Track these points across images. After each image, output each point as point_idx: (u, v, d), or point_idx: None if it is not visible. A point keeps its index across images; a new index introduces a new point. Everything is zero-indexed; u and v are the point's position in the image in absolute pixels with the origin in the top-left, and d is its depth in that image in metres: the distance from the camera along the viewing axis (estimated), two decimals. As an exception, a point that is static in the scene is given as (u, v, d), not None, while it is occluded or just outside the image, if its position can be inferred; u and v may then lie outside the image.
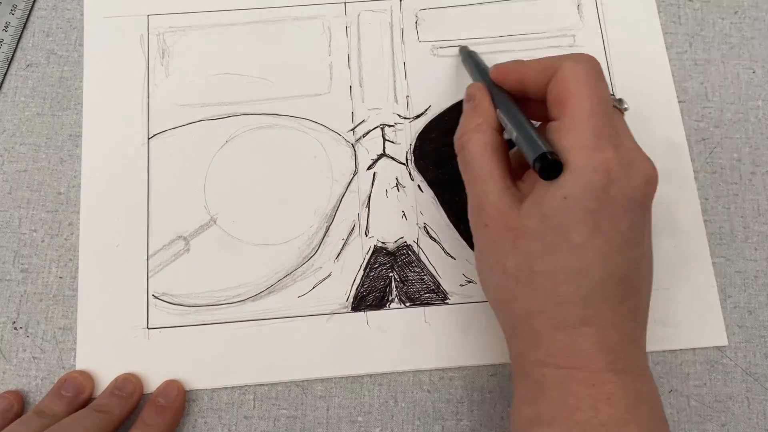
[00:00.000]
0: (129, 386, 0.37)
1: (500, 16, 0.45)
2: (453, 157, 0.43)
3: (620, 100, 0.35)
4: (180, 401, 0.38)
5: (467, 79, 0.44)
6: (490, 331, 0.40)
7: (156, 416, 0.37)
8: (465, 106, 0.37)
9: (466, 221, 0.40)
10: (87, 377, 0.38)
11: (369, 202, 0.42)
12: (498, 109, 0.35)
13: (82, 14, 0.46)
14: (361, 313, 0.40)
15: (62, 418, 0.36)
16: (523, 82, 0.35)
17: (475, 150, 0.34)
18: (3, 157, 0.43)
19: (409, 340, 0.39)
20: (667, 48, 0.45)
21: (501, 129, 0.35)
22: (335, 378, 0.39)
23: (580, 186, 0.30)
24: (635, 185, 0.31)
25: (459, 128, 0.36)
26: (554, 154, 0.30)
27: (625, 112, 0.35)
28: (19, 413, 0.38)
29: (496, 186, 0.33)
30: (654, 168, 0.32)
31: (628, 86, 0.44)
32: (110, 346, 0.39)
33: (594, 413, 0.30)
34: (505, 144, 0.35)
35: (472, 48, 0.43)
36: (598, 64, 0.33)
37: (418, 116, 0.44)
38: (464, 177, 0.35)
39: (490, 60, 0.44)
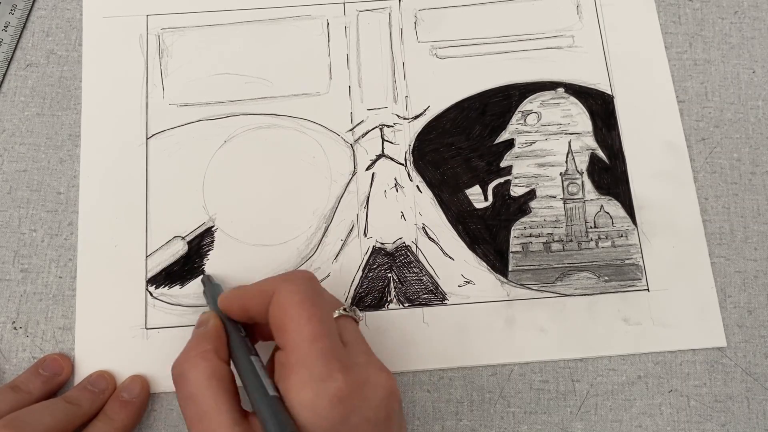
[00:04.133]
0: (102, 383, 0.38)
1: (499, 17, 0.45)
2: (452, 157, 0.43)
3: (354, 309, 0.34)
4: (143, 397, 0.38)
5: (467, 79, 0.44)
6: (489, 332, 0.40)
7: (119, 410, 0.37)
8: (193, 332, 0.35)
9: (465, 221, 0.40)
10: (66, 361, 0.39)
11: (368, 202, 0.42)
12: (230, 350, 0.33)
13: (81, 14, 0.46)
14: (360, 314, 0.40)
15: (36, 395, 0.37)
16: (246, 310, 0.33)
17: (200, 381, 0.30)
18: (3, 157, 0.43)
19: (408, 341, 0.39)
20: (666, 48, 0.45)
21: (229, 360, 0.33)
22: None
23: (319, 426, 0.28)
24: (375, 405, 0.30)
25: (180, 354, 0.33)
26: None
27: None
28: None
29: (224, 422, 0.29)
30: (391, 377, 0.31)
31: (627, 86, 0.44)
32: (109, 345, 0.39)
33: None
34: (232, 375, 0.32)
35: (211, 275, 0.40)
36: (315, 279, 0.33)
37: (417, 117, 0.44)
38: (185, 413, 0.31)
39: (488, 61, 0.45)
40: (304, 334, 0.30)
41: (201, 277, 0.40)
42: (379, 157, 0.43)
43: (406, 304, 0.40)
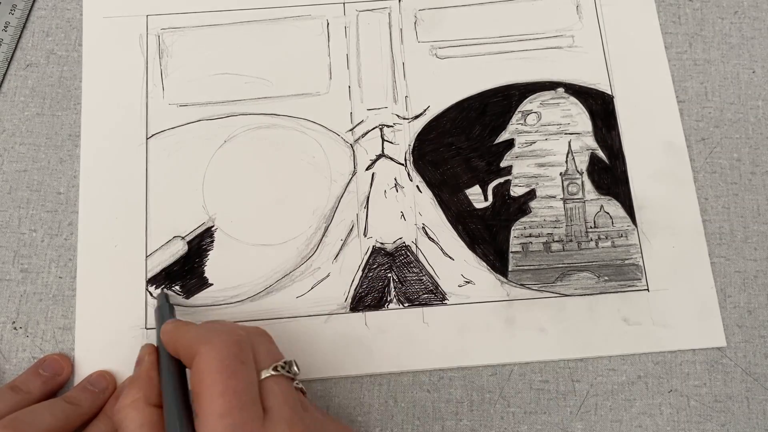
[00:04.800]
0: (102, 382, 0.38)
1: (499, 17, 0.45)
2: (452, 157, 0.43)
3: (291, 363, 0.32)
4: None
5: (467, 79, 0.44)
6: (489, 332, 0.40)
7: None
8: (134, 368, 0.36)
9: (465, 221, 0.40)
10: (66, 361, 0.39)
11: (368, 202, 0.42)
12: (162, 384, 0.33)
13: (81, 14, 0.46)
14: (360, 314, 0.40)
15: (36, 396, 0.37)
16: (177, 353, 0.33)
17: (131, 430, 0.32)
18: (3, 157, 0.43)
19: (408, 341, 0.39)
20: (666, 48, 0.45)
21: (160, 402, 0.33)
22: (334, 378, 0.39)
23: None
24: None
25: (119, 400, 0.33)
26: None
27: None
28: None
29: None
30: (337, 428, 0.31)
31: (627, 86, 0.44)
32: (109, 346, 0.39)
33: None
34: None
35: (169, 293, 0.40)
36: (239, 342, 0.31)
37: (416, 117, 0.44)
38: None
39: (488, 61, 0.45)
40: (214, 408, 0.29)
41: (158, 294, 0.40)
42: (379, 157, 0.43)
43: (406, 304, 0.40)
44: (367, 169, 0.43)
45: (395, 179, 0.42)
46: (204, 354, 0.30)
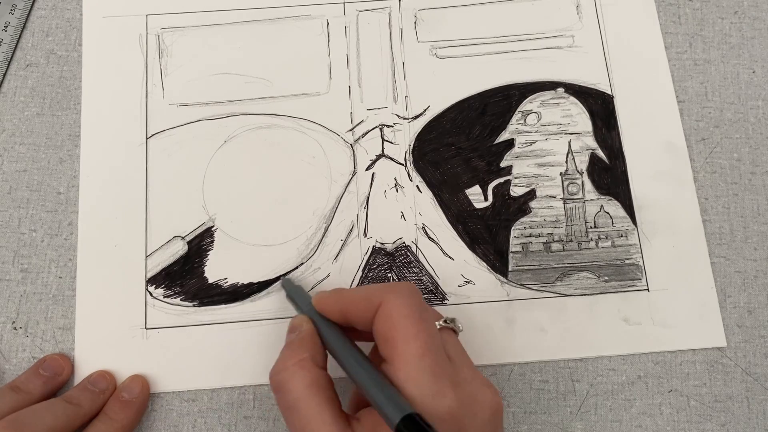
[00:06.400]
0: (102, 382, 0.38)
1: (499, 17, 0.45)
2: (452, 157, 0.43)
3: (453, 320, 0.33)
4: (143, 397, 0.38)
5: (467, 79, 0.44)
6: (489, 332, 0.40)
7: (119, 410, 0.37)
8: (287, 338, 0.34)
9: (465, 221, 0.40)
10: (66, 361, 0.39)
11: (368, 202, 0.42)
12: (329, 347, 0.33)
13: (81, 14, 0.46)
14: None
15: (36, 396, 0.37)
16: (346, 314, 0.33)
17: (299, 390, 0.30)
18: (3, 157, 0.43)
19: (408, 341, 0.39)
20: (666, 48, 0.45)
21: (326, 366, 0.32)
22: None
23: None
24: (482, 422, 0.30)
25: (277, 362, 0.32)
26: (421, 417, 0.28)
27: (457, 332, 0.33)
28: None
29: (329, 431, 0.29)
30: (497, 394, 0.31)
31: (627, 86, 0.44)
32: (109, 346, 0.39)
33: None
34: (331, 381, 0.32)
35: (290, 277, 0.40)
36: (419, 293, 0.32)
37: (417, 117, 0.44)
38: (288, 423, 0.31)
39: (488, 61, 0.45)
40: (413, 350, 0.30)
41: (281, 281, 0.40)
42: (379, 157, 0.43)
43: (406, 304, 0.40)
44: (367, 169, 0.43)
45: (395, 179, 0.42)
46: (392, 302, 0.31)
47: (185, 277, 0.40)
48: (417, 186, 0.42)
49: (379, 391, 0.29)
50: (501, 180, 0.43)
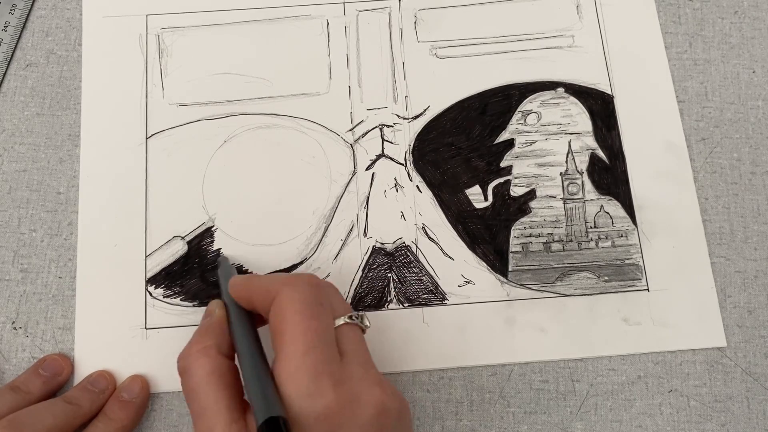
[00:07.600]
0: (102, 382, 0.38)
1: (499, 17, 0.45)
2: (452, 157, 0.43)
3: (361, 317, 0.33)
4: (143, 397, 0.38)
5: (467, 79, 0.44)
6: (489, 332, 0.40)
7: (119, 410, 0.37)
8: (201, 321, 0.35)
9: (465, 221, 0.40)
10: (66, 361, 0.39)
11: (367, 202, 0.42)
12: (233, 334, 0.33)
13: (81, 14, 0.46)
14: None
15: (36, 396, 0.37)
16: (251, 303, 0.33)
17: (200, 377, 0.31)
18: (2, 157, 0.43)
19: (408, 341, 0.39)
20: (666, 48, 0.45)
21: (232, 353, 0.33)
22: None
23: None
24: (363, 422, 0.29)
25: (185, 347, 0.33)
26: (285, 422, 0.28)
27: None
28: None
29: (222, 419, 0.29)
30: (385, 393, 0.30)
31: (627, 86, 0.44)
32: (109, 346, 0.39)
33: None
34: (235, 369, 0.32)
35: (228, 256, 0.40)
36: (320, 286, 0.32)
37: (416, 116, 0.44)
38: (189, 407, 0.31)
39: (488, 61, 0.45)
40: (297, 347, 0.29)
41: (219, 257, 0.40)
42: (379, 157, 0.43)
43: (406, 304, 0.40)
44: (367, 169, 0.43)
45: (395, 179, 0.42)
46: (285, 294, 0.31)
47: (185, 277, 0.40)
48: (417, 186, 0.42)
49: (257, 387, 0.29)
50: (501, 180, 0.43)
